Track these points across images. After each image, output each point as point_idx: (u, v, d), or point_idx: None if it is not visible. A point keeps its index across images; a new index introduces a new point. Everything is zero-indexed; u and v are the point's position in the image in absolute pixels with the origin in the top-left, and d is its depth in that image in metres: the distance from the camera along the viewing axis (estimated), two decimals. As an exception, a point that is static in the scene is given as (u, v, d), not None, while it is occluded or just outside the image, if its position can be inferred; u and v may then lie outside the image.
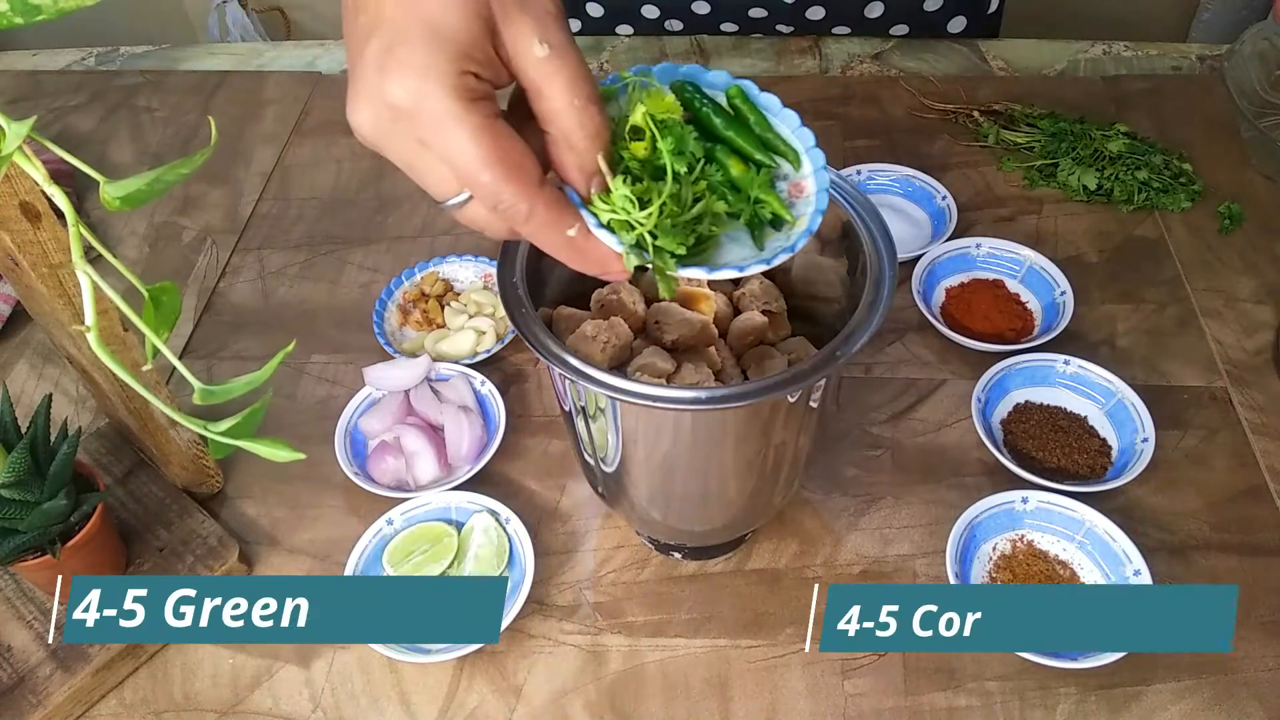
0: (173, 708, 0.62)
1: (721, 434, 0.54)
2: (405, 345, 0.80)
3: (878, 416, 0.76)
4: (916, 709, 0.60)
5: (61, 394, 0.80)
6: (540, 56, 0.39)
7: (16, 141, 0.34)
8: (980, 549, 0.67)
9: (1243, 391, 0.76)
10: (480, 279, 0.85)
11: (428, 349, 0.79)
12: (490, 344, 0.79)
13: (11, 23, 0.34)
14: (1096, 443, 0.72)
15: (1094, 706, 0.60)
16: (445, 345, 0.79)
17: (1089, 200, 0.91)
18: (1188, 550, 0.67)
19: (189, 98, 1.08)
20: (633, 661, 0.63)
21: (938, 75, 1.05)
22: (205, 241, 0.92)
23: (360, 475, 0.71)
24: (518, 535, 0.67)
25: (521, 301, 0.52)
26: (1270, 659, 0.62)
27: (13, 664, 0.61)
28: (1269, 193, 0.92)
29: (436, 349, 0.79)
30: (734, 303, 0.63)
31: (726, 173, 0.46)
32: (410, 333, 0.82)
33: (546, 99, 0.40)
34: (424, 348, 0.79)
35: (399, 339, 0.81)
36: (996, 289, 0.82)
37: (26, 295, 0.59)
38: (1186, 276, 0.85)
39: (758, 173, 0.46)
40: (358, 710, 0.62)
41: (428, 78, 0.37)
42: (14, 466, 0.55)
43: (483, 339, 0.79)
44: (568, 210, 0.42)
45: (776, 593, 0.66)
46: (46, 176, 0.37)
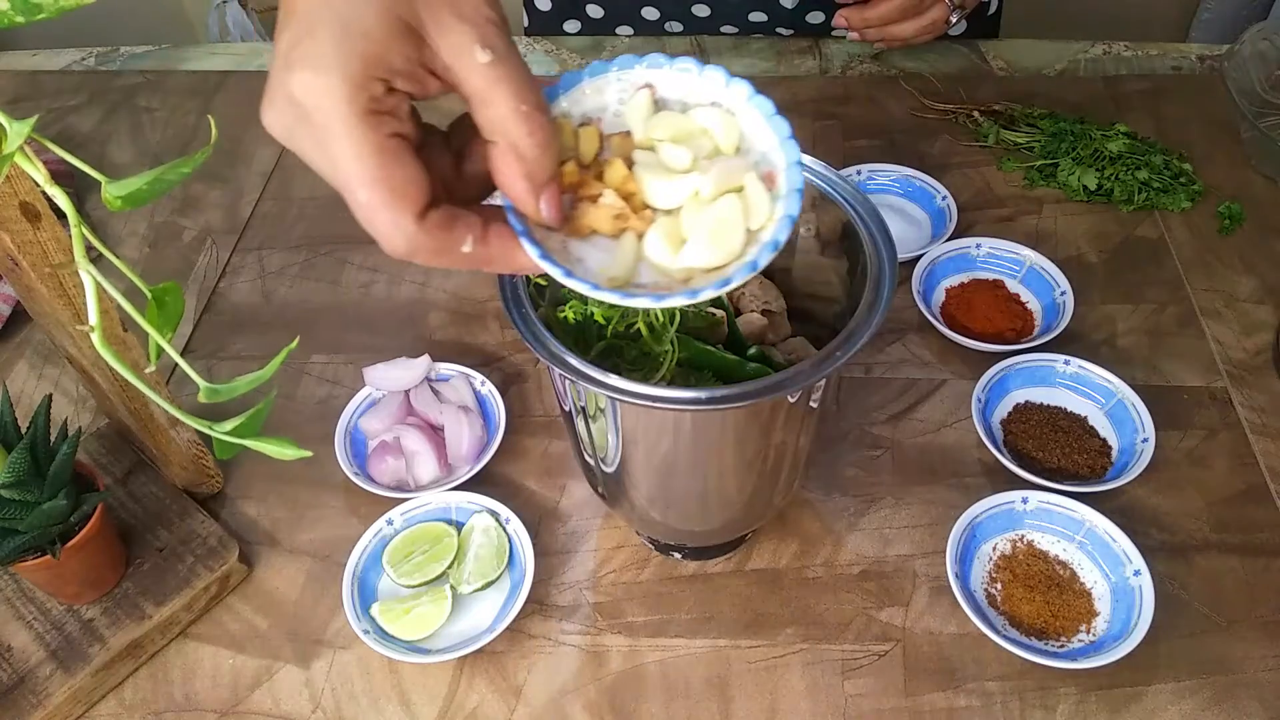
0: (173, 708, 0.62)
1: (721, 434, 0.54)
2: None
3: (878, 416, 0.76)
4: (916, 709, 0.60)
5: (61, 394, 0.80)
6: (483, 63, 0.36)
7: (18, 141, 0.34)
8: (980, 549, 0.67)
9: (1243, 391, 0.76)
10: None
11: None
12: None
13: (12, 21, 0.34)
14: (1096, 443, 0.72)
15: (1094, 706, 0.60)
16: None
17: (1089, 200, 0.91)
18: (1188, 550, 0.67)
19: (189, 98, 1.08)
20: (633, 662, 0.63)
21: (938, 75, 1.05)
22: (205, 241, 0.92)
23: (360, 475, 0.71)
24: (518, 535, 0.67)
25: (521, 301, 0.52)
26: (1270, 659, 0.62)
27: (13, 664, 0.61)
28: (1269, 193, 0.92)
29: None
30: (734, 303, 0.63)
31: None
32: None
33: (491, 105, 0.37)
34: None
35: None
36: (996, 289, 0.82)
37: (27, 295, 0.59)
38: (1186, 276, 0.85)
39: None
40: (358, 710, 0.62)
41: (330, 75, 0.35)
42: (14, 467, 0.55)
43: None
44: (458, 227, 0.38)
45: (776, 593, 0.66)
46: (48, 177, 0.37)
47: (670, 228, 0.41)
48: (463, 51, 0.37)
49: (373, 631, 0.63)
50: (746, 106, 0.43)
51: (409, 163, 0.37)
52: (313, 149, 0.37)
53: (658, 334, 0.53)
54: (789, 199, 0.41)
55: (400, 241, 0.37)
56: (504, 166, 0.38)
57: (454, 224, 0.38)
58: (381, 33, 0.35)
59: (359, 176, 0.36)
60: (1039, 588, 0.64)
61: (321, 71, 0.35)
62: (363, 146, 0.36)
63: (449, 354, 0.79)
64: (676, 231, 0.41)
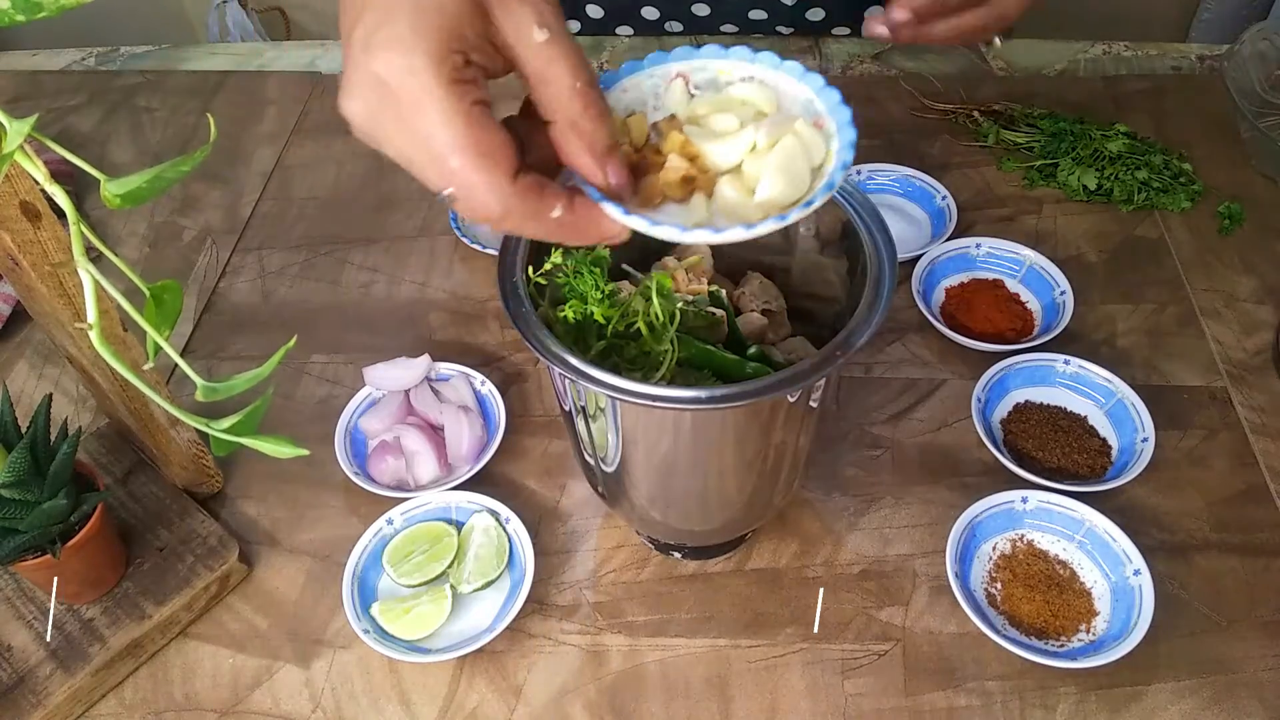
0: (173, 708, 0.62)
1: (721, 434, 0.54)
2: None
3: (878, 416, 0.76)
4: (916, 709, 0.60)
5: (61, 394, 0.80)
6: (540, 41, 0.39)
7: (18, 140, 0.34)
8: (980, 549, 0.67)
9: (1243, 391, 0.76)
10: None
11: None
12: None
13: (13, 20, 0.34)
14: (1096, 443, 0.72)
15: (1094, 706, 0.60)
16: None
17: (1089, 200, 0.91)
18: (1188, 550, 0.67)
19: (189, 98, 1.08)
20: (633, 661, 0.63)
21: (938, 75, 1.05)
22: (205, 241, 0.92)
23: (360, 475, 0.71)
24: (518, 535, 0.67)
25: (522, 301, 0.52)
26: (1270, 659, 0.62)
27: (13, 664, 0.61)
28: (1269, 193, 0.92)
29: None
30: (734, 302, 0.63)
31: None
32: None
33: (549, 83, 0.39)
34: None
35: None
36: (996, 289, 0.82)
37: (27, 295, 0.59)
38: (1186, 276, 0.85)
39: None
40: (358, 710, 0.62)
41: (413, 53, 0.37)
42: (14, 466, 0.55)
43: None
44: (548, 193, 0.40)
45: (776, 593, 0.66)
46: (48, 176, 0.37)
47: (737, 177, 0.43)
48: (522, 30, 0.39)
49: (373, 631, 0.63)
50: (776, 73, 0.46)
51: (497, 128, 0.39)
52: (397, 129, 0.39)
53: (658, 333, 0.53)
54: (843, 131, 0.43)
55: (495, 203, 0.39)
56: (566, 143, 0.40)
57: (544, 190, 0.40)
58: (454, 9, 0.38)
59: (451, 143, 0.38)
60: (1039, 587, 0.64)
61: (404, 51, 0.37)
62: (453, 114, 0.37)
63: (449, 354, 0.79)
64: (743, 179, 0.43)
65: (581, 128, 0.40)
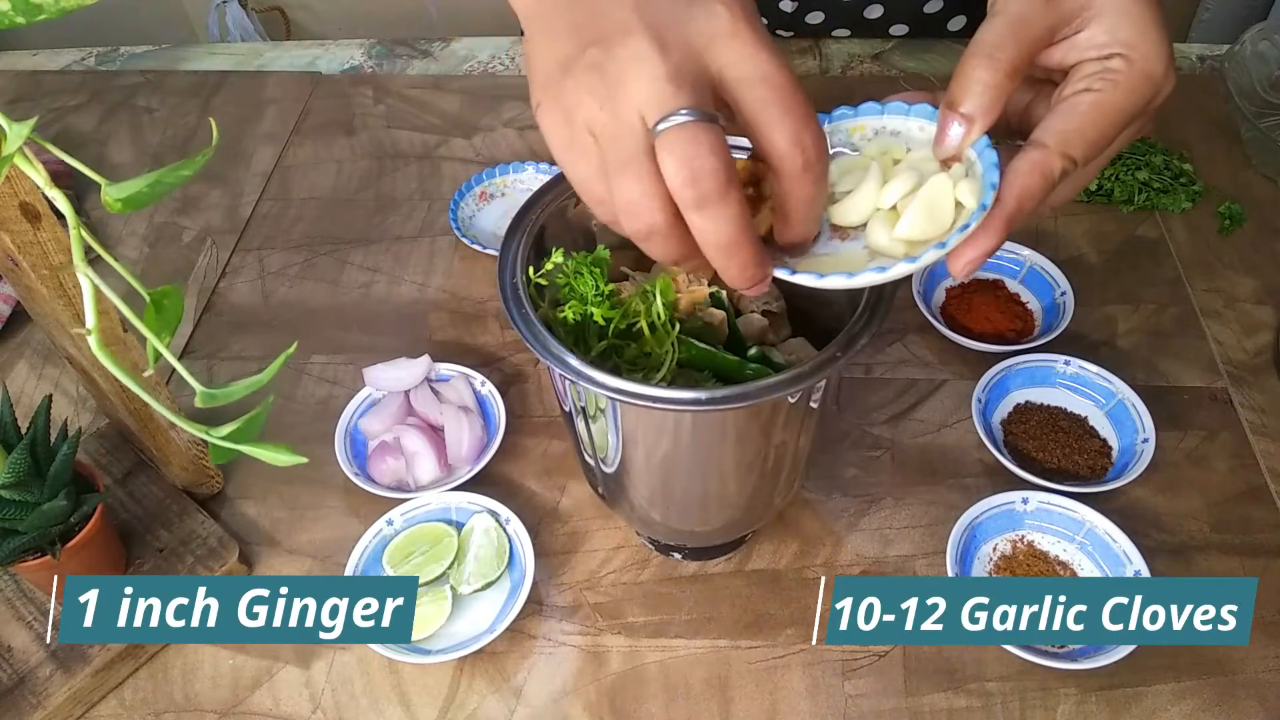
0: (173, 708, 0.62)
1: (721, 435, 0.54)
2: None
3: (878, 417, 0.76)
4: (916, 709, 0.60)
5: (61, 394, 0.79)
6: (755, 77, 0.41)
7: (17, 143, 0.34)
8: (980, 549, 0.67)
9: (1243, 392, 0.76)
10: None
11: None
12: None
13: (13, 22, 0.34)
14: (1097, 443, 0.72)
15: (1094, 707, 0.60)
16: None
17: (1089, 200, 0.91)
18: (1188, 551, 0.67)
19: (189, 98, 1.08)
20: (633, 662, 0.63)
21: (938, 75, 1.05)
22: (205, 242, 0.92)
23: (360, 476, 0.71)
24: (518, 536, 0.67)
25: (521, 301, 0.51)
26: (1270, 659, 0.62)
27: (13, 664, 0.61)
28: (1269, 193, 0.92)
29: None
30: (734, 303, 0.63)
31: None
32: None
33: (762, 135, 0.41)
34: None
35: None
36: (997, 289, 0.82)
37: (26, 296, 0.59)
38: (1186, 277, 0.85)
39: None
40: (358, 711, 0.62)
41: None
42: (14, 467, 0.55)
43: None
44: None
45: (777, 593, 0.66)
46: (48, 180, 0.37)
47: (881, 220, 0.45)
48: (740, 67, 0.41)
49: (373, 632, 0.63)
50: (907, 120, 0.51)
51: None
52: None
53: (659, 335, 0.53)
54: (988, 172, 0.46)
55: (720, 182, 0.39)
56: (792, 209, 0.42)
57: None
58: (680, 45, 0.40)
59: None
60: (1039, 588, 0.64)
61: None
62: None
63: (449, 354, 0.79)
64: (886, 220, 0.45)
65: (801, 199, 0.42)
